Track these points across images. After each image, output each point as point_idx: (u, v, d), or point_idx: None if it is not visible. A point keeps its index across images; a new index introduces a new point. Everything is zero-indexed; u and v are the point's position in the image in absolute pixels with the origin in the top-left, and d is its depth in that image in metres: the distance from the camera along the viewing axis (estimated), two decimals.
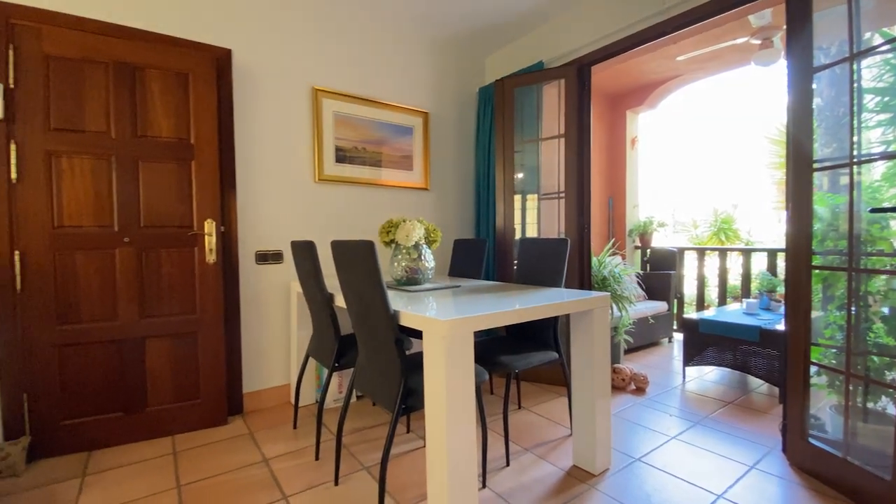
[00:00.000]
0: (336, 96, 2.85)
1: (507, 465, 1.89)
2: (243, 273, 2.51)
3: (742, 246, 4.98)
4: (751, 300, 3.14)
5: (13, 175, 1.92)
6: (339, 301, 1.95)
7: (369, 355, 1.66)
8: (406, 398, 1.49)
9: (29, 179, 1.95)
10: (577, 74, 2.81)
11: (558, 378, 2.87)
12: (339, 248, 1.65)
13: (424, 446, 2.06)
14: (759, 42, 3.04)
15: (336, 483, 1.76)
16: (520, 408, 2.53)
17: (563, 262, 2.11)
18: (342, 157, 2.90)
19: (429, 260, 2.22)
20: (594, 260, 3.22)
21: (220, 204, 2.32)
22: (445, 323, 1.28)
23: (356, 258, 1.53)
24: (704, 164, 6.93)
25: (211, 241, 2.27)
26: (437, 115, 3.34)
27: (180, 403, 2.25)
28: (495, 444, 2.07)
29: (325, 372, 2.57)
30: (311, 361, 2.61)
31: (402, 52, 3.13)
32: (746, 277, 4.03)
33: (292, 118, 2.68)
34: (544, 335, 2.12)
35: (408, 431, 2.23)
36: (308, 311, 2.59)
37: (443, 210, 3.39)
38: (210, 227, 2.27)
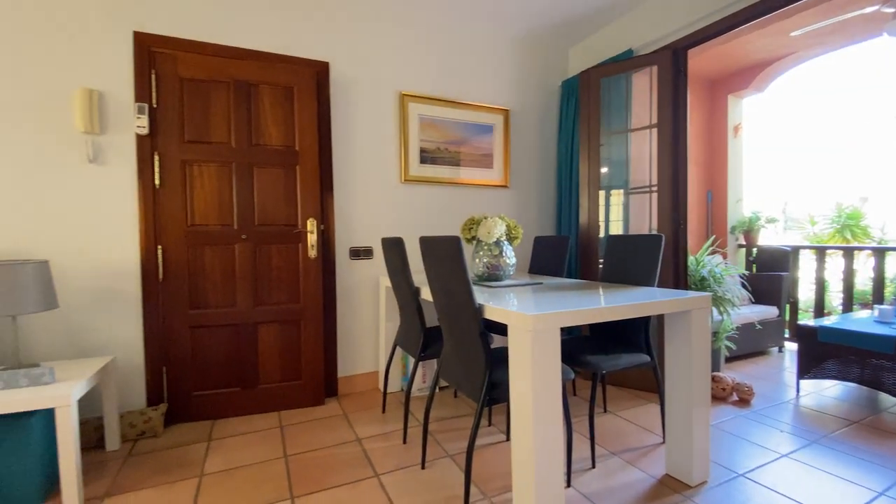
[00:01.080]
0: (421, 100, 2.96)
1: (593, 466, 1.85)
2: (339, 267, 2.73)
3: (874, 245, 4.29)
4: (884, 307, 2.71)
5: (157, 181, 2.28)
6: (425, 294, 2.04)
7: (454, 347, 1.72)
8: (491, 390, 1.52)
9: (168, 185, 2.30)
10: (672, 60, 2.63)
11: (647, 383, 2.72)
12: (426, 243, 1.73)
13: (506, 440, 2.08)
14: (893, 10, 2.61)
15: (423, 467, 1.85)
16: (605, 411, 2.44)
17: (657, 259, 2.00)
18: (426, 158, 3.01)
19: (510, 256, 2.23)
20: (690, 259, 2.99)
21: (320, 204, 2.54)
22: (532, 317, 1.29)
23: (443, 253, 1.59)
24: (824, 152, 6.06)
25: (312, 238, 2.49)
26: (517, 112, 3.32)
27: (285, 383, 2.51)
28: (580, 445, 2.03)
29: (411, 361, 2.70)
30: (398, 351, 2.75)
31: (482, 51, 3.17)
32: (879, 281, 3.47)
33: (381, 123, 2.84)
34: (634, 336, 2.03)
35: (489, 424, 2.27)
36: (395, 303, 2.74)
37: (522, 207, 3.37)
38: (312, 225, 2.49)
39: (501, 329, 2.38)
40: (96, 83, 2.17)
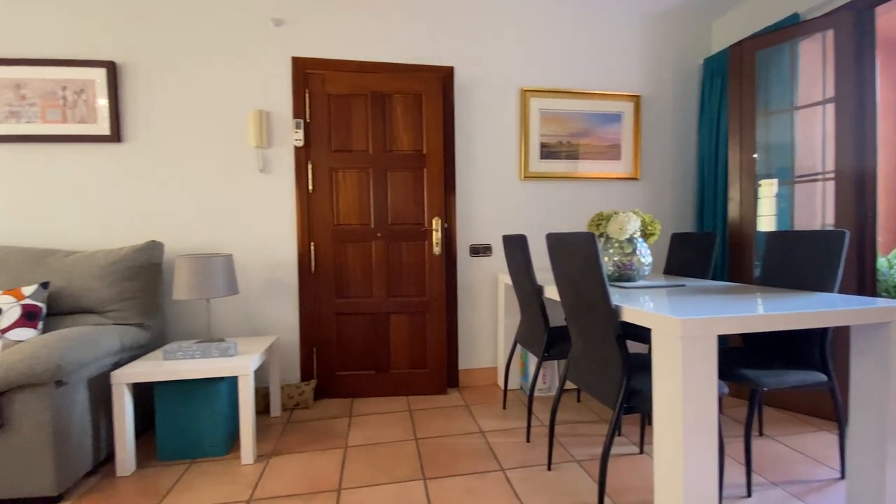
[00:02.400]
0: (542, 93, 2.91)
1: (749, 495, 1.62)
2: (460, 264, 2.82)
3: None
4: None
5: (310, 187, 2.61)
6: (549, 293, 2.00)
7: (585, 349, 1.66)
8: (628, 398, 1.43)
9: (319, 190, 2.62)
10: (854, 21, 2.16)
11: (816, 406, 2.29)
12: (555, 240, 1.69)
13: (639, 452, 1.94)
14: None
15: (549, 468, 1.82)
16: (761, 435, 2.12)
17: (839, 261, 1.67)
18: (547, 153, 2.94)
19: (644, 255, 2.06)
20: (881, 260, 2.44)
21: (444, 204, 2.66)
22: (683, 322, 1.18)
23: (575, 250, 1.54)
24: None
25: (437, 236, 2.62)
26: (650, 98, 3.06)
27: (413, 370, 2.68)
28: (732, 470, 1.80)
29: (530, 359, 2.68)
30: (518, 349, 2.75)
31: (609, 36, 2.98)
32: None
33: (501, 121, 2.86)
34: (806, 350, 1.72)
35: (619, 434, 2.14)
36: (515, 300, 2.74)
37: (655, 201, 3.09)
38: (436, 224, 2.62)
39: (636, 334, 2.23)
40: (265, 105, 2.57)
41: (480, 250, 2.85)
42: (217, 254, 2.18)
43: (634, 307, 1.38)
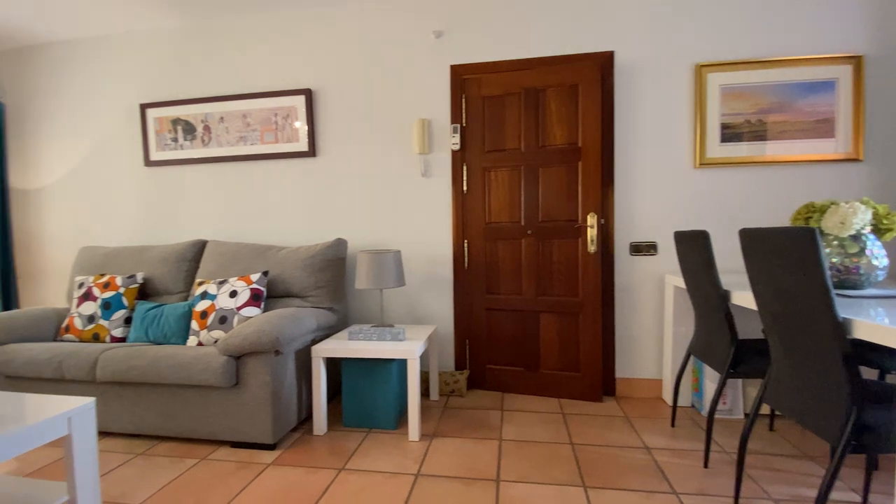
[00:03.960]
0: (723, 67, 2.51)
1: None
2: (618, 263, 2.63)
3: None
4: None
5: (464, 187, 2.73)
6: (738, 299, 1.72)
7: (793, 369, 1.37)
8: (858, 434, 1.14)
9: (472, 190, 2.73)
10: None
11: None
12: (754, 236, 1.44)
13: (862, 502, 1.54)
14: None
15: (736, 502, 1.57)
16: None
17: None
18: (729, 135, 2.53)
19: (878, 256, 1.62)
20: None
21: (600, 198, 2.50)
22: None
23: (783, 249, 1.29)
24: None
25: (592, 233, 2.48)
26: (877, 58, 2.39)
27: (564, 372, 2.60)
28: None
29: (706, 374, 2.35)
30: (691, 361, 2.43)
31: None
32: None
33: (670, 104, 2.56)
34: None
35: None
36: (687, 305, 2.44)
37: (887, 187, 2.41)
38: (592, 220, 2.48)
39: (860, 356, 1.77)
40: (427, 113, 2.77)
41: (643, 248, 2.61)
42: (388, 250, 2.44)
43: (873, 322, 1.09)
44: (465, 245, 2.75)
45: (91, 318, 2.44)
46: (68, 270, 3.28)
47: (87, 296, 2.50)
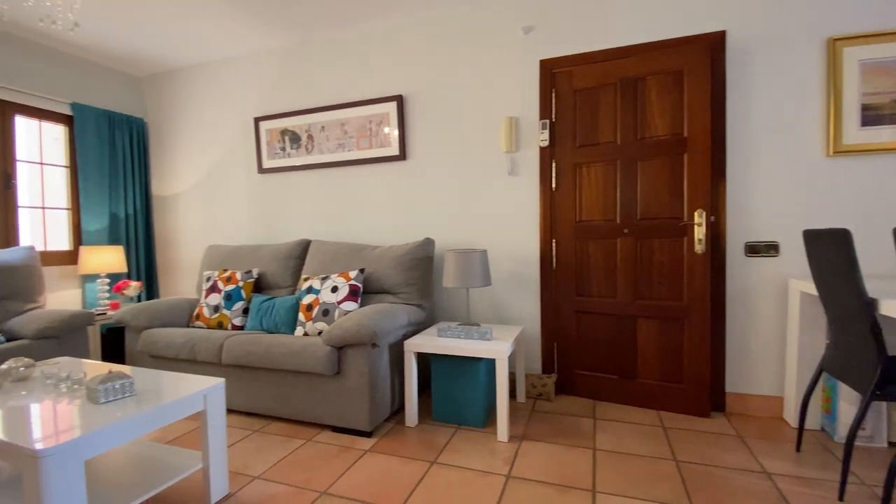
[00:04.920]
0: (863, 40, 2.15)
1: None
2: (730, 265, 2.37)
3: None
4: None
5: (553, 185, 2.66)
6: (888, 309, 1.46)
7: None
8: None
9: (561, 187, 2.64)
10: None
11: None
12: None
13: None
14: None
15: None
16: None
17: None
18: (871, 118, 2.17)
19: None
20: None
21: (710, 193, 2.28)
22: None
23: None
24: None
25: (700, 232, 2.27)
26: None
27: (664, 383, 2.41)
28: None
29: (841, 394, 2.03)
30: (823, 378, 2.12)
31: None
32: None
33: (794, 86, 2.25)
34: None
35: None
36: (817, 315, 2.13)
37: None
38: (699, 217, 2.27)
39: None
40: (514, 111, 2.74)
41: (761, 249, 2.33)
42: (475, 249, 2.45)
43: None
44: (554, 244, 2.68)
45: (216, 308, 2.78)
46: (197, 265, 3.78)
47: (213, 288, 2.86)
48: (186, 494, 1.71)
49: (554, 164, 2.65)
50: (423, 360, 2.77)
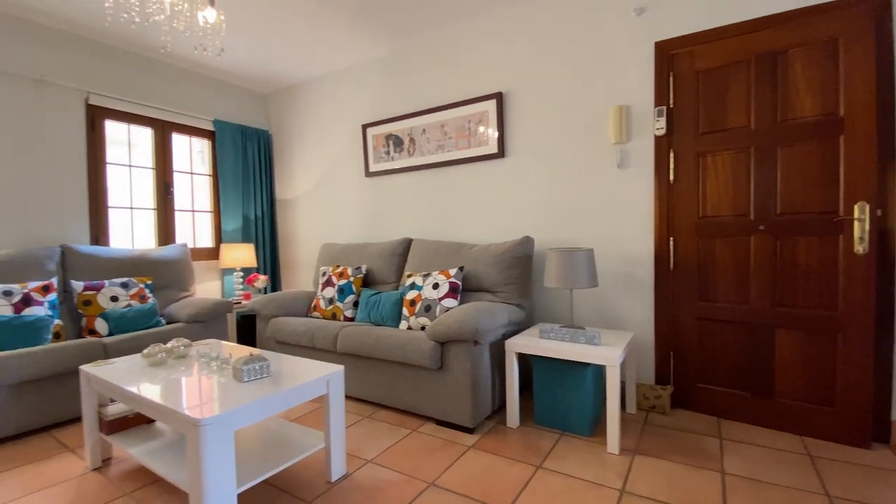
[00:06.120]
0: None
1: None
2: None
3: None
4: None
5: (671, 177, 2.42)
6: None
7: None
8: None
9: (681, 179, 2.40)
10: None
11: None
12: None
13: None
14: None
15: None
16: None
17: None
18: None
19: None
20: None
21: (876, 182, 1.90)
22: None
23: None
24: None
25: (861, 229, 1.90)
26: None
27: (810, 405, 2.07)
28: None
29: None
30: None
31: None
32: None
33: None
34: None
35: None
36: None
37: None
38: (861, 211, 1.91)
39: None
40: (624, 100, 2.56)
41: None
42: (580, 248, 2.33)
43: None
44: (671, 243, 2.44)
45: (331, 300, 3.02)
46: (313, 261, 4.15)
47: (328, 282, 3.11)
48: (310, 469, 1.87)
49: (672, 154, 2.42)
50: (522, 360, 2.71)
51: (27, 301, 2.46)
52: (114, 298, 2.79)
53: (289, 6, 2.81)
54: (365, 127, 3.64)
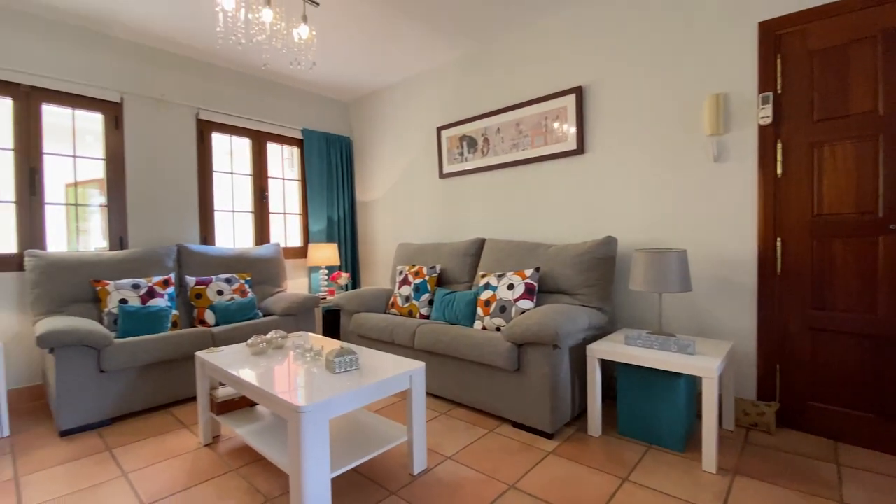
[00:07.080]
0: None
1: None
2: None
3: None
4: None
5: (778, 171, 2.18)
6: None
7: None
8: None
9: (791, 173, 2.15)
10: None
11: None
12: None
13: None
14: None
15: None
16: None
17: None
18: None
19: None
20: None
21: None
22: None
23: None
24: None
25: None
26: None
27: None
28: None
29: None
30: None
31: None
32: None
33: None
34: None
35: None
36: None
37: None
38: None
39: None
40: (721, 87, 2.35)
41: None
42: (671, 249, 2.18)
43: None
44: (778, 244, 2.20)
45: (407, 298, 3.12)
46: (390, 260, 4.31)
47: (405, 281, 3.21)
48: (392, 461, 1.95)
49: (780, 146, 2.18)
50: (604, 367, 2.60)
51: (151, 293, 2.83)
52: (219, 292, 3.11)
53: (373, 20, 2.94)
54: (440, 129, 3.71)
